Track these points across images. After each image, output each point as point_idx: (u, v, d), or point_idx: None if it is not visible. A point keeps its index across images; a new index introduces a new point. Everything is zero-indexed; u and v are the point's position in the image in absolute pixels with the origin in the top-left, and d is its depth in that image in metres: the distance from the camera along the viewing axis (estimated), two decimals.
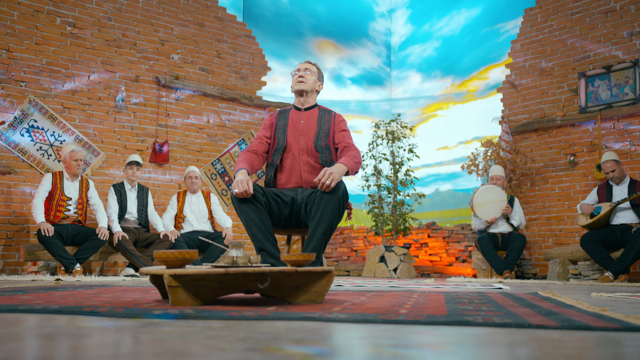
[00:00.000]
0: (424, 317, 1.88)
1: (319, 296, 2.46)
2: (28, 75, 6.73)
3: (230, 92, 8.22)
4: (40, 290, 3.32)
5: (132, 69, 7.49)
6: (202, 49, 8.13)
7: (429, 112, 10.17)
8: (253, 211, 3.07)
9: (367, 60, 10.51)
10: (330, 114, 3.55)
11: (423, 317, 1.87)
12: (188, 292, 2.30)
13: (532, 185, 7.92)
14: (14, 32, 6.70)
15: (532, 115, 8.05)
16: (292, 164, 3.41)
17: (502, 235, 6.87)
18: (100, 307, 2.17)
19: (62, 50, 6.99)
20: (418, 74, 10.38)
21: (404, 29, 10.71)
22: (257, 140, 3.52)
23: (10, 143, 6.53)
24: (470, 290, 4.01)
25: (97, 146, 7.12)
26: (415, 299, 2.83)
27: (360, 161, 3.35)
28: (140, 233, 6.38)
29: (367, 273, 7.75)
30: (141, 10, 7.65)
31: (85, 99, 7.10)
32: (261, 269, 2.28)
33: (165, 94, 7.71)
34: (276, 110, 3.65)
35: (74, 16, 7.12)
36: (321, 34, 10.05)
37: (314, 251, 3.06)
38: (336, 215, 3.05)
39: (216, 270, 2.25)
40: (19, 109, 6.61)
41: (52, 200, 5.94)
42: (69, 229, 5.91)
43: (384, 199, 8.07)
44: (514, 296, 3.14)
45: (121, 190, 6.45)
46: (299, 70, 3.52)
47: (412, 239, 8.89)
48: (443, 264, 8.59)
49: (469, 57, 9.67)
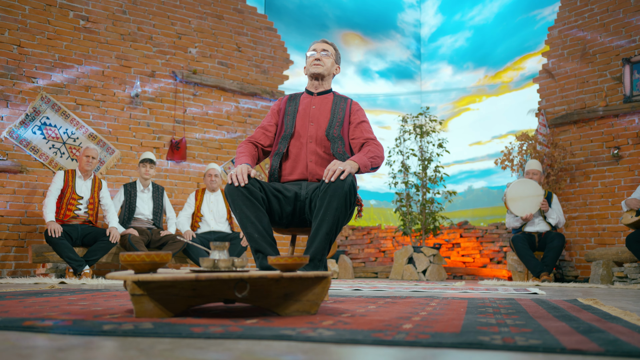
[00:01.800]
0: (428, 336, 1.48)
1: (313, 306, 2.08)
2: (40, 71, 6.53)
3: (250, 87, 7.90)
4: (20, 296, 3.03)
5: (148, 63, 7.23)
6: (221, 43, 7.83)
7: (460, 106, 9.68)
8: (248, 207, 2.71)
9: (396, 52, 10.07)
10: (346, 102, 3.17)
11: (427, 336, 1.48)
12: (155, 301, 1.95)
13: (572, 181, 7.38)
14: (26, 26, 6.50)
15: (572, 106, 7.51)
16: (299, 152, 3.04)
17: (539, 234, 6.37)
18: (49, 319, 1.84)
19: (75, 45, 6.77)
20: (449, 66, 9.90)
21: (434, 19, 10.24)
22: (261, 130, 3.16)
23: (22, 141, 6.33)
24: (500, 296, 3.58)
25: (111, 144, 6.88)
26: (431, 308, 2.43)
27: (380, 156, 2.95)
28: (153, 234, 6.10)
29: (395, 275, 7.33)
30: (157, 3, 7.39)
31: (99, 95, 6.87)
32: (238, 274, 1.92)
33: (183, 89, 7.43)
34: (286, 95, 3.28)
35: (87, 10, 6.90)
36: (347, 26, 9.66)
37: (316, 252, 2.68)
38: (342, 212, 2.66)
39: (185, 276, 1.89)
40: (31, 105, 6.40)
41: (62, 198, 5.70)
42: (79, 229, 5.66)
43: (412, 197, 7.63)
44: (549, 304, 2.70)
45: (131, 191, 6.18)
46: (315, 51, 3.15)
47: (443, 239, 8.43)
48: (476, 265, 8.11)
49: (502, 46, 9.16)
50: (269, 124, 3.16)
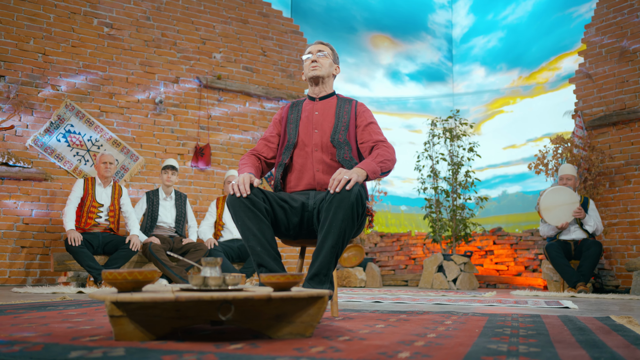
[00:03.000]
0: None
1: (307, 328, 1.91)
2: (64, 79, 6.53)
3: (276, 92, 7.78)
4: (22, 310, 2.94)
5: (172, 69, 7.18)
6: (245, 47, 7.73)
7: (494, 108, 9.38)
8: (251, 219, 2.56)
9: (427, 54, 9.83)
10: (350, 104, 2.99)
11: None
12: (136, 323, 1.81)
13: (612, 185, 7.03)
14: (50, 35, 6.52)
15: (610, 107, 7.16)
16: (304, 162, 2.88)
17: (575, 242, 6.06)
18: (21, 342, 1.73)
19: (100, 52, 6.76)
20: (482, 68, 9.62)
21: (466, 20, 9.97)
22: (263, 141, 3.01)
23: (47, 149, 6.34)
24: (527, 310, 3.34)
25: (135, 150, 6.84)
26: (444, 328, 2.24)
27: (390, 159, 2.76)
28: (174, 242, 6.01)
29: (424, 284, 7.09)
30: (181, 9, 7.34)
31: (123, 102, 6.84)
32: (222, 295, 1.76)
33: (207, 94, 7.36)
34: (288, 103, 3.12)
35: (112, 17, 6.88)
36: (375, 28, 9.47)
37: (321, 267, 2.51)
38: (349, 223, 2.47)
39: (164, 297, 1.75)
40: (55, 113, 6.41)
41: (83, 206, 5.66)
42: (100, 237, 5.61)
43: (442, 202, 7.38)
44: (576, 324, 2.47)
45: (154, 199, 6.10)
46: (310, 53, 2.98)
47: (475, 246, 8.15)
48: (510, 273, 7.80)
49: (537, 46, 8.83)
50: (271, 134, 3.01)
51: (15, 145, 6.21)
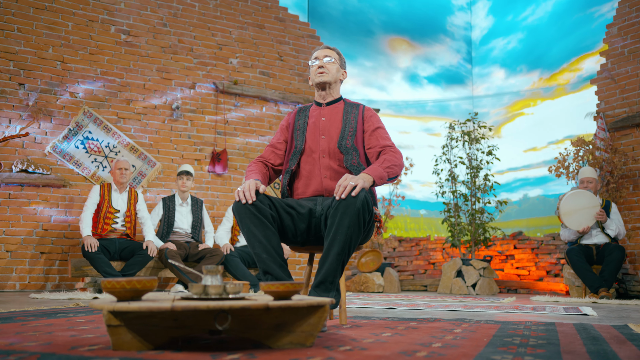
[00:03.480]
0: None
1: (308, 338, 1.88)
2: (82, 86, 6.59)
3: (292, 96, 7.76)
4: (32, 317, 2.95)
5: (189, 75, 7.21)
6: (262, 52, 7.74)
7: (514, 111, 9.25)
8: (256, 226, 2.53)
9: (445, 57, 9.74)
10: (357, 108, 2.95)
11: None
12: (134, 332, 1.79)
13: (635, 188, 6.87)
14: (69, 42, 6.59)
15: (633, 109, 7.01)
16: (312, 169, 2.84)
17: (597, 247, 5.92)
18: (18, 352, 1.72)
19: (117, 59, 6.81)
20: (502, 70, 9.50)
21: (485, 21, 9.86)
22: (270, 148, 2.99)
23: (65, 155, 6.40)
24: (542, 317, 3.26)
25: (153, 156, 6.87)
26: (451, 337, 2.18)
27: (397, 164, 2.71)
28: (191, 247, 6.02)
29: (443, 289, 7.00)
30: (197, 15, 7.37)
31: (140, 109, 6.88)
32: (218, 304, 1.73)
33: (224, 100, 7.37)
34: (295, 109, 3.10)
35: (129, 24, 6.94)
36: (393, 32, 9.41)
37: (327, 275, 2.47)
38: (355, 230, 2.43)
39: (160, 307, 1.73)
40: (74, 120, 6.47)
41: (99, 212, 5.70)
42: (116, 243, 5.64)
43: (461, 206, 7.29)
44: (590, 333, 2.40)
45: (170, 204, 6.12)
46: (317, 59, 2.95)
47: (496, 250, 8.03)
48: (531, 278, 7.67)
49: (558, 47, 8.69)
50: (278, 141, 2.99)
51: (35, 152, 6.28)
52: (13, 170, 6.10)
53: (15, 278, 6.09)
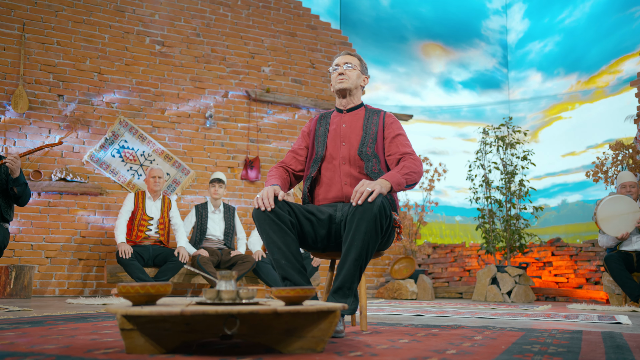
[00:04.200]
0: None
1: (319, 343, 1.88)
2: (118, 96, 6.76)
3: (325, 103, 7.79)
4: (61, 321, 3.03)
5: (222, 84, 7.31)
6: (294, 60, 7.79)
7: (551, 115, 9.07)
8: (275, 232, 2.55)
9: (480, 61, 9.63)
10: (378, 115, 2.94)
11: None
12: (147, 336, 1.82)
13: None
14: (105, 54, 6.76)
15: None
16: (332, 175, 2.85)
17: (638, 253, 5.74)
18: (37, 354, 1.77)
19: (152, 70, 6.96)
20: (538, 73, 9.33)
21: (521, 24, 9.71)
22: (291, 154, 3.00)
23: (102, 164, 6.56)
24: (573, 326, 3.18)
25: (187, 164, 6.98)
26: (469, 344, 2.15)
27: (416, 171, 2.69)
28: (223, 254, 6.09)
29: (478, 296, 6.90)
30: (230, 24, 7.47)
31: (174, 117, 7.01)
32: (226, 309, 1.75)
33: (256, 108, 7.45)
34: (317, 115, 3.11)
35: (163, 35, 7.08)
36: (427, 37, 9.35)
37: (345, 280, 2.46)
38: (372, 236, 2.43)
39: (170, 311, 1.75)
40: (110, 130, 6.63)
41: (134, 220, 5.82)
42: (150, 250, 5.75)
43: (496, 212, 7.17)
44: (616, 342, 2.32)
45: (202, 212, 6.21)
46: (338, 65, 2.96)
47: (533, 257, 7.86)
48: (570, 286, 7.48)
49: (596, 49, 8.50)
50: (299, 147, 3.00)
51: (73, 161, 6.46)
52: (52, 179, 6.28)
53: (54, 284, 6.26)
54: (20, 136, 6.29)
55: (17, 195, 4.36)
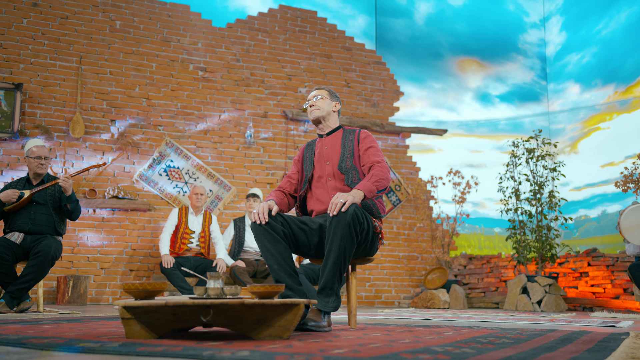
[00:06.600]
0: None
1: (285, 331, 2.23)
2: (165, 120, 7.33)
3: (360, 121, 8.15)
4: (104, 319, 3.50)
5: (261, 105, 7.79)
6: (329, 80, 8.20)
7: (590, 125, 9.10)
8: (269, 240, 2.93)
9: (518, 75, 9.76)
10: (354, 133, 3.34)
11: None
12: (142, 324, 2.23)
13: None
14: (153, 81, 7.37)
15: None
16: (321, 191, 3.25)
17: None
18: (67, 339, 2.20)
19: (195, 94, 7.52)
20: (576, 85, 9.38)
21: (559, 37, 9.79)
22: (286, 179, 3.43)
23: (150, 182, 7.13)
24: (564, 327, 3.38)
25: (228, 181, 7.47)
26: (430, 337, 2.45)
27: (384, 177, 3.04)
28: (259, 265, 6.50)
29: (509, 305, 7.04)
30: (268, 49, 7.96)
31: (216, 138, 7.52)
32: (201, 301, 2.14)
33: (294, 127, 7.88)
34: (305, 144, 3.52)
35: (205, 61, 7.64)
36: (462, 53, 9.57)
37: (326, 282, 2.82)
38: (347, 241, 2.78)
39: (156, 303, 2.16)
40: (157, 150, 7.20)
41: (177, 233, 6.32)
42: (191, 261, 6.22)
43: (527, 223, 7.31)
44: (569, 337, 2.57)
45: (240, 225, 6.65)
46: (309, 100, 3.38)
47: (569, 267, 7.91)
48: (607, 296, 7.49)
49: (633, 59, 8.50)
50: (292, 173, 3.41)
51: (124, 180, 7.06)
52: (106, 197, 6.89)
53: (108, 292, 6.84)
54: (78, 158, 6.94)
55: (69, 211, 4.89)
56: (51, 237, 4.69)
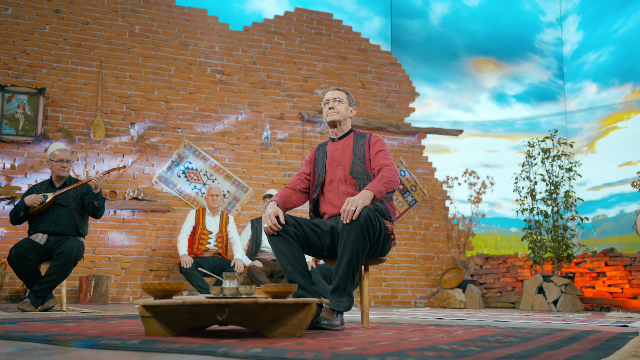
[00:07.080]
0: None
1: (297, 329, 2.32)
2: (183, 122, 7.46)
3: (375, 122, 8.21)
4: (124, 318, 3.61)
5: (277, 107, 7.89)
6: (345, 82, 8.27)
7: (607, 125, 9.06)
8: (282, 243, 3.02)
9: (535, 74, 9.74)
10: (365, 137, 3.39)
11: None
12: (160, 322, 2.33)
13: None
14: (171, 85, 7.50)
15: None
16: (333, 195, 3.32)
17: None
18: (89, 336, 2.30)
19: (212, 97, 7.64)
20: (593, 84, 9.34)
21: (576, 36, 9.76)
22: (297, 177, 3.50)
23: (169, 184, 7.26)
24: (575, 327, 3.43)
25: (245, 182, 7.58)
26: (440, 335, 2.51)
27: (393, 180, 3.11)
28: (275, 265, 6.59)
29: (525, 305, 7.05)
30: (284, 52, 8.06)
31: (234, 139, 7.64)
32: (216, 300, 2.23)
33: (310, 128, 7.97)
34: (316, 146, 3.58)
35: (222, 64, 7.75)
36: (478, 53, 9.58)
37: (339, 282, 2.90)
38: (361, 243, 2.86)
39: (175, 302, 2.25)
40: (176, 152, 7.33)
41: (195, 234, 6.44)
42: (209, 261, 6.34)
43: (542, 223, 7.32)
44: (575, 336, 2.62)
45: (257, 226, 6.75)
46: (328, 100, 3.41)
47: (586, 267, 7.90)
48: (625, 296, 7.47)
49: None
50: (304, 172, 3.48)
51: (143, 181, 7.20)
52: (126, 198, 7.03)
53: (129, 292, 6.98)
54: (99, 160, 7.09)
55: (96, 208, 4.99)
56: (73, 238, 4.83)
